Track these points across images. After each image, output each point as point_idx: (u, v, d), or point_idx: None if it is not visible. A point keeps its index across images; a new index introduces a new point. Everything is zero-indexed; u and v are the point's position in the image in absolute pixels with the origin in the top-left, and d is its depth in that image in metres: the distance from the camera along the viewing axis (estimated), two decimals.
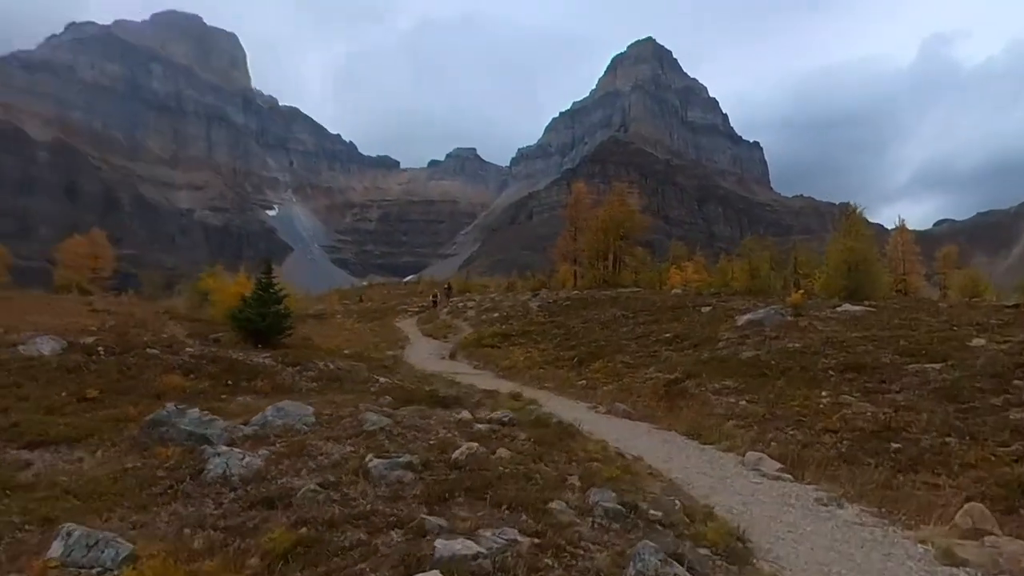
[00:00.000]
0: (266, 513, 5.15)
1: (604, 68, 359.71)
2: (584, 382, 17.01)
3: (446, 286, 57.35)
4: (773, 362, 16.18)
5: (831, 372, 15.00)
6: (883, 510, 7.19)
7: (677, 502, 6.43)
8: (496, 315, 33.34)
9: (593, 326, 25.52)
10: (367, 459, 6.21)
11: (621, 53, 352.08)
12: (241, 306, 15.49)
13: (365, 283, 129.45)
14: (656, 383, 15.79)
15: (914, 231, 46.69)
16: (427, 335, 30.29)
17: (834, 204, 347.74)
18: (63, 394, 8.69)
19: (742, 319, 20.83)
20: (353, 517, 5.07)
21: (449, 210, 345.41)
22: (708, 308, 25.15)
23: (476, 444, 6.76)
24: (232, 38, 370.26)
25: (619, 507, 5.57)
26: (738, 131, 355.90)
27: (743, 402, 13.49)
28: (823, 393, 13.47)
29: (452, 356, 22.39)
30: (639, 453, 9.47)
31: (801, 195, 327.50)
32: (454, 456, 6.43)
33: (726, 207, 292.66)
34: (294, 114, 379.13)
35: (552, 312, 30.72)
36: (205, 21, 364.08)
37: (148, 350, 12.25)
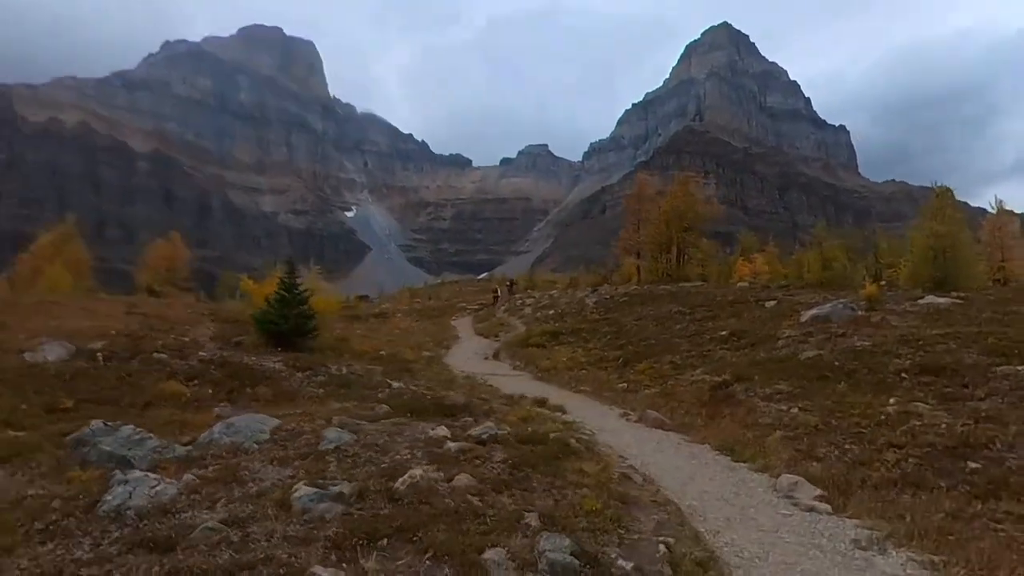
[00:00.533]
0: (144, 559, 4.33)
1: (678, 57, 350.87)
2: (625, 385, 15.71)
3: (508, 283, 56.27)
4: (836, 363, 14.42)
5: (903, 375, 13.15)
6: (940, 559, 5.70)
7: (664, 546, 5.23)
8: (551, 312, 32.24)
9: (647, 323, 24.04)
10: (294, 488, 5.33)
11: (695, 40, 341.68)
12: (264, 308, 15.07)
13: (439, 281, 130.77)
14: (701, 387, 14.33)
15: (1019, 214, 42.10)
16: (479, 334, 29.55)
17: (929, 188, 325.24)
18: (24, 406, 8.25)
19: (807, 315, 18.92)
20: (239, 567, 4.19)
21: (522, 207, 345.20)
22: (772, 303, 23.20)
23: (427, 471, 5.76)
24: (310, 46, 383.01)
25: (571, 559, 4.45)
26: (824, 115, 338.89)
27: (795, 410, 11.91)
28: (891, 400, 11.72)
29: (495, 356, 21.51)
30: (656, 472, 8.26)
31: (893, 180, 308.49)
32: (396, 485, 5.47)
33: (810, 195, 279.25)
34: (369, 116, 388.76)
35: (607, 309, 29.34)
36: (285, 32, 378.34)
37: (156, 355, 11.92)
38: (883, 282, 29.92)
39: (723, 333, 19.74)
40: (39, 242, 47.26)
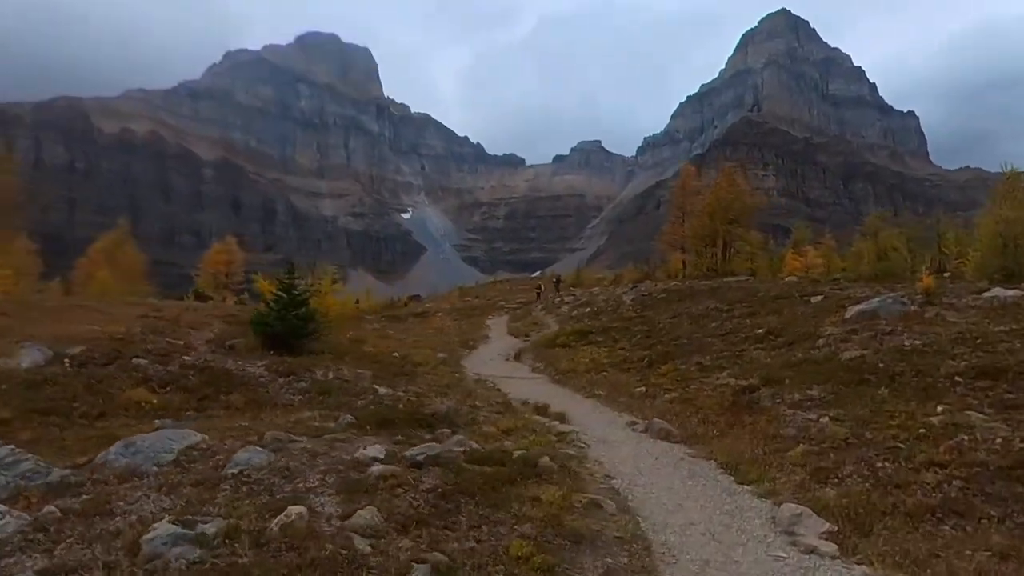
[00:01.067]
0: None
1: (733, 47, 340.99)
2: (643, 389, 14.42)
3: (554, 279, 55.30)
4: (880, 364, 12.79)
5: (957, 379, 11.48)
6: None
7: None
8: (587, 311, 30.98)
9: (681, 321, 22.55)
10: (153, 527, 4.44)
11: (752, 29, 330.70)
12: (261, 309, 14.47)
13: (491, 279, 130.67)
14: (724, 392, 12.94)
15: None
16: (510, 333, 28.58)
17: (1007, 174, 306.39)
18: None
19: (853, 310, 17.15)
20: None
21: (576, 204, 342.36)
22: (818, 298, 21.34)
23: (321, 504, 4.79)
24: (365, 52, 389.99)
25: None
26: (891, 101, 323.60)
27: (824, 419, 10.44)
28: (938, 408, 10.12)
29: (516, 357, 20.49)
30: (640, 497, 7.09)
31: (967, 166, 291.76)
32: (271, 525, 4.51)
33: (876, 184, 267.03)
34: (424, 120, 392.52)
35: (643, 307, 27.89)
36: (342, 39, 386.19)
37: (135, 360, 11.38)
38: (947, 274, 27.48)
39: (759, 331, 18.15)
40: (94, 246, 48.73)
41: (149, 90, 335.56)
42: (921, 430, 9.29)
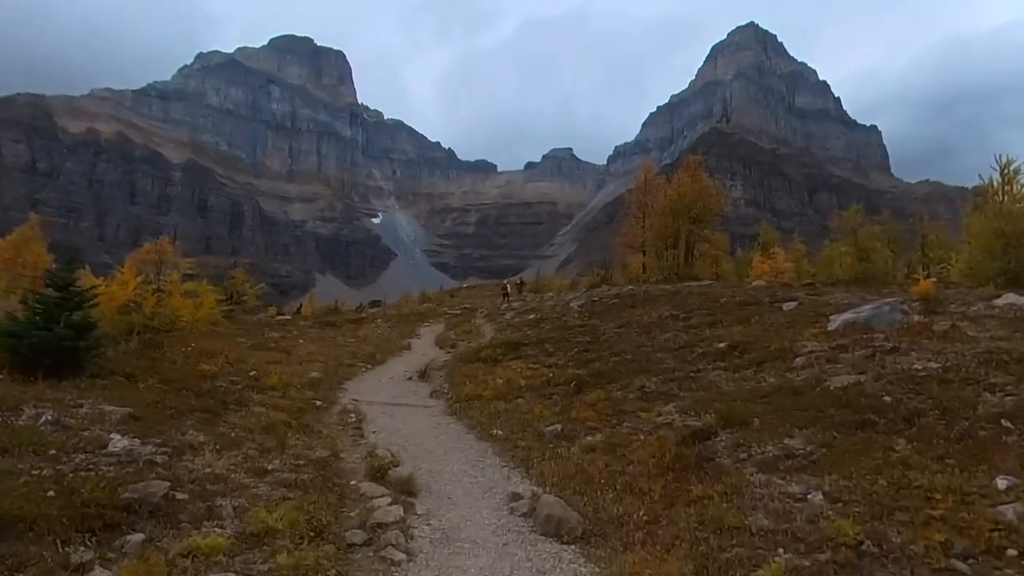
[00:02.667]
0: None
1: (703, 58, 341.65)
2: (559, 426, 10.19)
3: (518, 282, 52.06)
4: (886, 398, 8.79)
5: (1006, 424, 7.50)
6: None
7: None
8: (532, 317, 26.83)
9: (629, 331, 18.46)
10: None
11: (721, 41, 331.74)
12: (11, 318, 9.94)
13: (458, 285, 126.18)
14: (667, 436, 8.78)
15: None
16: (438, 343, 24.26)
17: (965, 188, 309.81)
18: None
19: (837, 320, 13.19)
20: None
21: (547, 211, 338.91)
22: (792, 304, 17.44)
23: None
24: (340, 55, 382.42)
25: None
26: (859, 113, 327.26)
27: (817, 496, 6.37)
28: (1000, 482, 6.10)
29: (423, 375, 16.18)
30: None
31: (927, 180, 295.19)
32: None
33: (841, 196, 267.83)
34: (397, 125, 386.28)
35: (592, 313, 23.79)
36: (316, 42, 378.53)
37: None
38: (931, 278, 23.90)
39: (720, 346, 14.11)
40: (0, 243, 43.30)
41: (117, 90, 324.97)
42: (992, 532, 5.24)
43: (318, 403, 12.03)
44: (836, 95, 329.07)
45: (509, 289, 47.31)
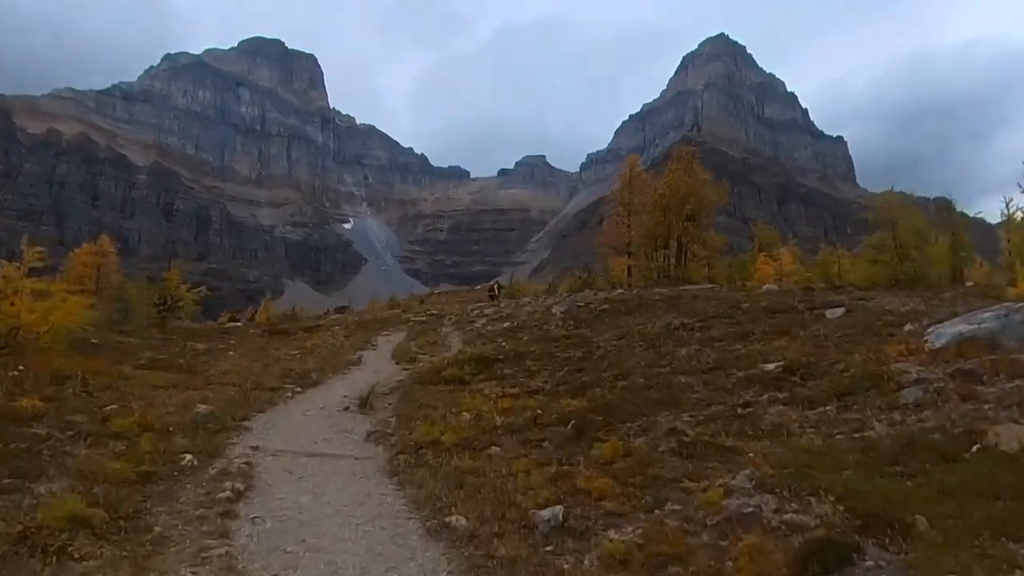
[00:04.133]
0: None
1: (675, 68, 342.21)
2: (559, 509, 6.10)
3: (496, 285, 48.07)
4: None
5: None
6: None
7: None
8: (506, 325, 22.74)
9: (632, 345, 14.50)
10: None
11: (692, 51, 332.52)
12: None
13: (428, 291, 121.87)
14: (764, 554, 4.81)
15: None
16: (395, 356, 19.96)
17: (928, 199, 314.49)
18: None
19: (942, 333, 9.38)
20: None
21: (519, 218, 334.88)
22: (838, 311, 13.68)
23: None
24: (311, 59, 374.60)
25: None
26: (825, 125, 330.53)
27: None
28: None
29: (363, 405, 11.97)
30: None
31: (891, 190, 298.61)
32: None
33: (808, 206, 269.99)
34: (369, 130, 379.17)
35: (578, 321, 19.83)
36: (287, 45, 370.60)
37: None
38: (969, 282, 20.48)
39: (769, 367, 10.19)
40: None
41: (80, 90, 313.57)
42: None
43: (188, 458, 7.77)
44: (804, 106, 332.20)
45: (496, 290, 43.82)
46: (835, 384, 8.89)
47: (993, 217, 26.48)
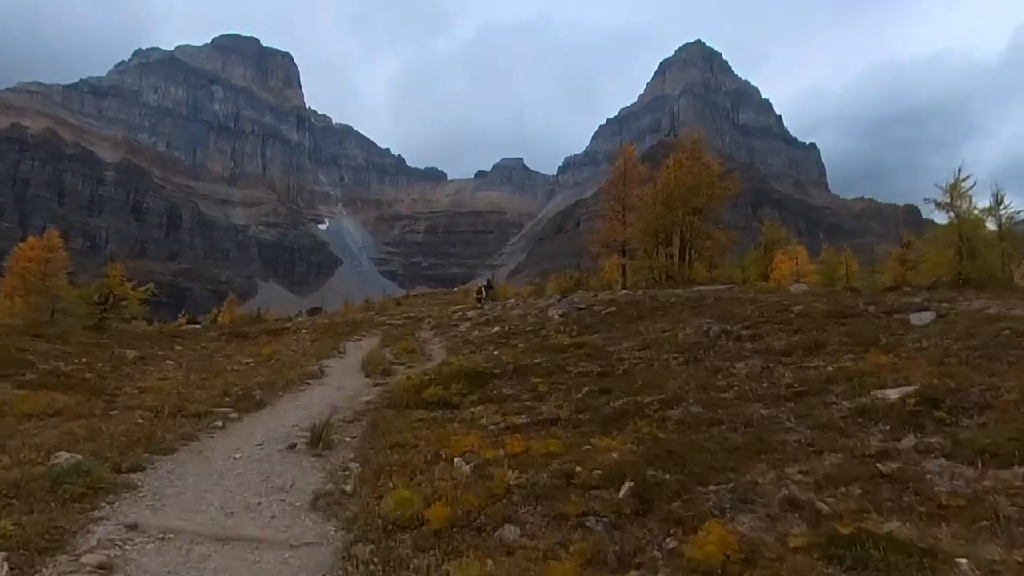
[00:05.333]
0: None
1: (652, 73, 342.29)
2: None
3: (487, 285, 44.19)
4: None
5: None
6: None
7: None
8: (495, 330, 19.54)
9: (664, 358, 11.40)
10: None
11: (669, 57, 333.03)
12: None
13: (405, 293, 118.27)
14: None
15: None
16: (364, 367, 16.60)
17: (897, 206, 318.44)
18: None
19: None
20: None
21: (496, 220, 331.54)
22: (927, 315, 10.74)
23: None
24: (287, 57, 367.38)
25: None
26: (798, 132, 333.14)
27: None
28: None
29: (316, 442, 8.64)
30: None
31: (862, 197, 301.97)
32: None
33: (782, 211, 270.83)
34: (346, 130, 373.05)
35: (583, 325, 16.72)
36: (262, 43, 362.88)
37: None
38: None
39: (893, 395, 7.14)
40: None
41: (47, 84, 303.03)
42: None
43: None
44: (778, 113, 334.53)
45: (483, 291, 40.50)
46: (1016, 425, 5.87)
47: None
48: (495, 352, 15.80)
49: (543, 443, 7.52)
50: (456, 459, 7.34)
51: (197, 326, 42.46)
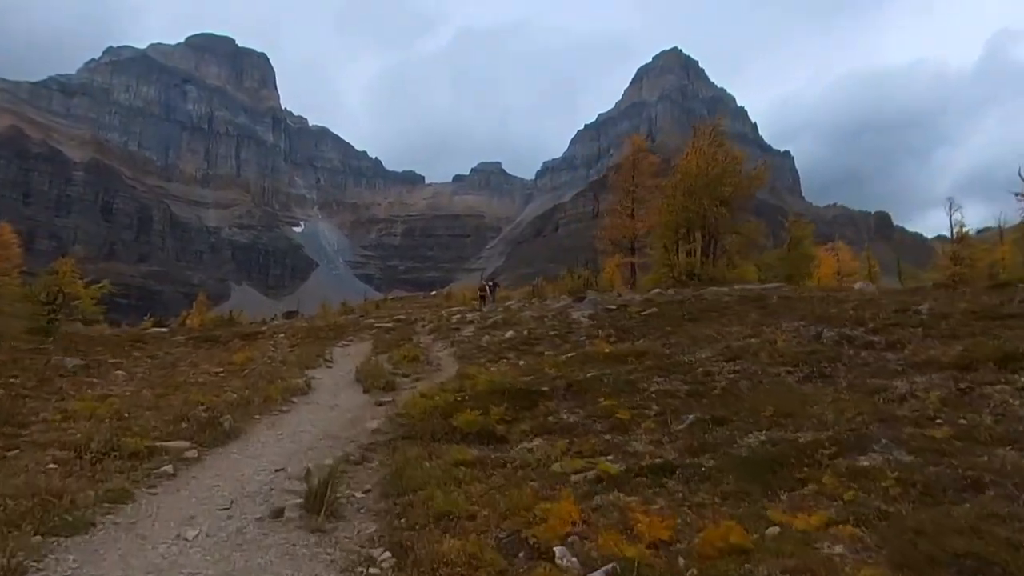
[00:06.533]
0: None
1: (629, 80, 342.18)
2: None
3: (490, 283, 40.30)
4: None
5: None
6: None
7: None
8: (509, 335, 16.53)
9: (772, 371, 8.55)
10: None
11: (646, 64, 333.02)
12: None
13: (389, 297, 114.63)
14: None
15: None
16: (361, 379, 13.47)
17: (869, 213, 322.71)
18: None
19: None
20: None
21: (474, 224, 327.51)
22: None
23: None
24: (263, 58, 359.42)
25: None
26: (774, 139, 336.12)
27: None
28: None
29: (316, 505, 5.67)
30: None
31: (835, 204, 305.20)
32: None
33: (758, 217, 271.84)
34: (322, 132, 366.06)
35: (621, 330, 13.84)
36: (237, 42, 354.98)
37: None
38: None
39: None
40: None
41: (12, 80, 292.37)
42: None
43: None
44: (753, 121, 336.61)
45: (486, 290, 37.18)
46: None
47: (931, 231, 22.73)
48: (521, 362, 12.86)
49: (695, 519, 4.59)
50: (557, 550, 4.39)
51: (163, 329, 38.64)
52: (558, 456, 6.74)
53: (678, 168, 24.62)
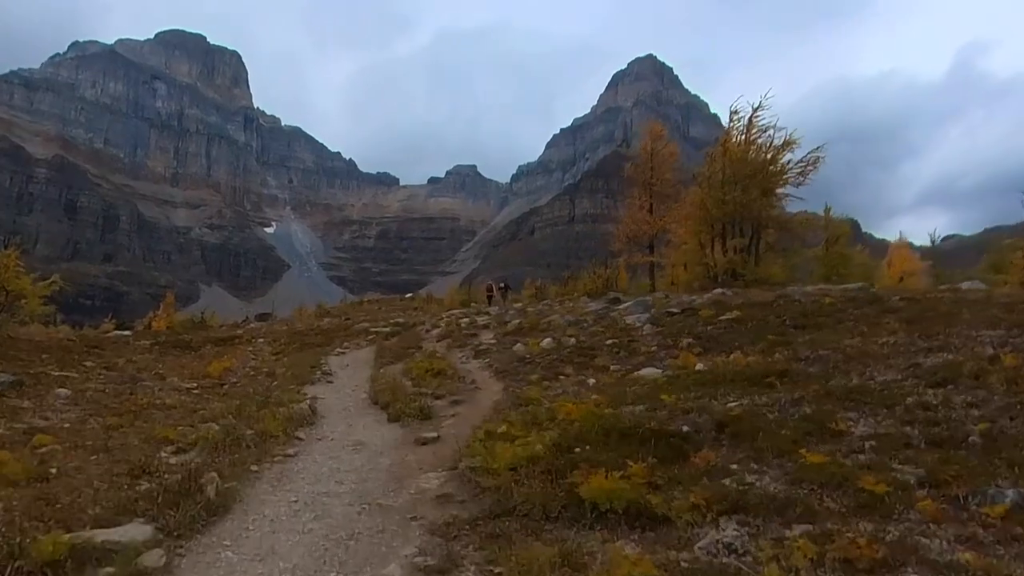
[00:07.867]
0: None
1: (605, 85, 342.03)
2: None
3: (501, 285, 37.67)
4: None
5: None
6: None
7: None
8: (547, 342, 13.46)
9: None
10: None
11: (622, 70, 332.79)
12: None
13: (365, 299, 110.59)
14: None
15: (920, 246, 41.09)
16: (376, 398, 10.31)
17: (836, 220, 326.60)
18: None
19: None
20: None
21: (449, 227, 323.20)
22: None
23: None
24: (235, 56, 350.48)
25: None
26: None
27: None
28: None
29: None
30: None
31: (804, 211, 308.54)
32: None
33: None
34: (295, 132, 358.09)
35: (701, 338, 10.94)
36: (209, 40, 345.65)
37: None
38: None
39: None
40: None
41: None
42: None
43: None
44: (727, 128, 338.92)
45: (495, 290, 35.57)
46: None
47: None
48: (591, 381, 9.83)
49: None
50: None
51: (126, 333, 34.63)
52: (806, 569, 3.75)
53: (713, 155, 21.93)
